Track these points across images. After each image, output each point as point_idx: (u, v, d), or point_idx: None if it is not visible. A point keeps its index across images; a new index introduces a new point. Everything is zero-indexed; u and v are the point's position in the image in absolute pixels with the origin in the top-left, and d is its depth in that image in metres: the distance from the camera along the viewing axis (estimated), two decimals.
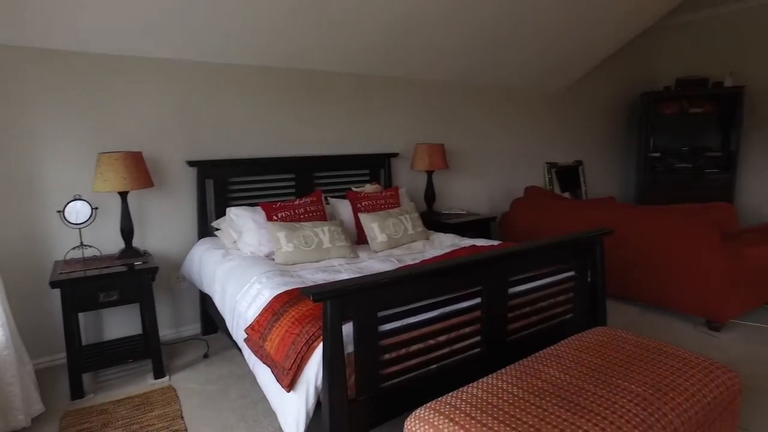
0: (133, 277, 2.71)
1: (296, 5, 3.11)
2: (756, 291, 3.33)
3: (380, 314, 1.78)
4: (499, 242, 3.06)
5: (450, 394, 1.75)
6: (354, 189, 3.70)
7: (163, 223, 3.32)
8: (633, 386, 1.72)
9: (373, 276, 1.77)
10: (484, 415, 1.58)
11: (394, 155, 4.23)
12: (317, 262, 2.84)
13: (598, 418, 1.55)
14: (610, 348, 2.02)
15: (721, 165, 6.06)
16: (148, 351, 2.80)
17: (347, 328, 1.70)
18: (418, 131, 4.50)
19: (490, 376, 1.85)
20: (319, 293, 1.58)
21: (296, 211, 3.11)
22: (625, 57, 6.42)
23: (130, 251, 2.94)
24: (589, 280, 2.52)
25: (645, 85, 6.76)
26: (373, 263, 2.80)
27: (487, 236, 4.15)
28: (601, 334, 2.17)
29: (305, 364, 1.78)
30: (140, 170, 2.86)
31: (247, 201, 3.47)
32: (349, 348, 1.72)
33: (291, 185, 3.70)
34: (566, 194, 6.04)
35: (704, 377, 1.81)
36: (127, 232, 2.94)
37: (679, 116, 6.23)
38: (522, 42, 4.53)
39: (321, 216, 3.18)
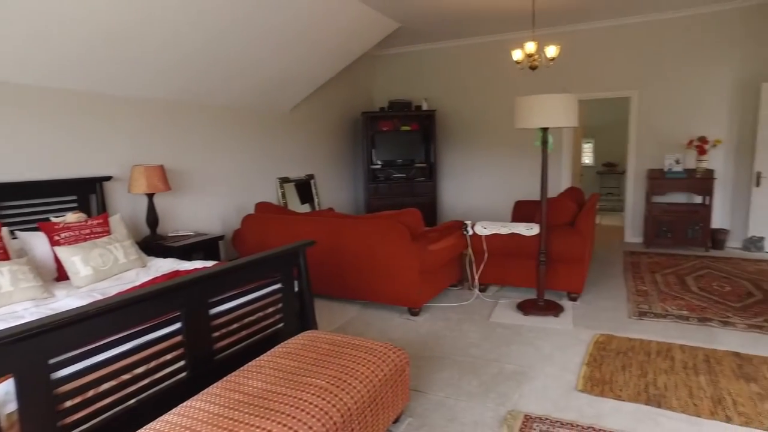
0: None
1: None
2: (441, 278, 4.13)
3: (53, 361, 1.63)
4: (217, 262, 3.09)
5: (146, 426, 1.71)
6: (53, 219, 3.25)
7: None
8: (319, 381, 1.95)
9: (38, 320, 1.60)
10: None
11: (107, 179, 3.87)
12: None
13: (284, 416, 1.72)
14: (308, 350, 2.25)
15: (426, 174, 7.29)
16: None
17: (6, 386, 1.51)
18: (139, 153, 4.21)
19: (191, 399, 1.87)
20: None
21: None
22: (347, 81, 7.18)
23: None
24: (296, 289, 2.75)
25: (365, 106, 7.69)
26: (72, 301, 2.53)
27: (216, 255, 4.14)
28: (304, 338, 2.39)
29: None
30: None
31: None
32: (11, 407, 1.52)
33: None
34: (306, 206, 6.44)
35: (378, 360, 2.18)
36: None
37: (394, 133, 7.26)
38: (243, 66, 4.69)
39: (1, 255, 2.71)
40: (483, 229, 4.20)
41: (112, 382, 1.83)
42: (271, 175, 5.89)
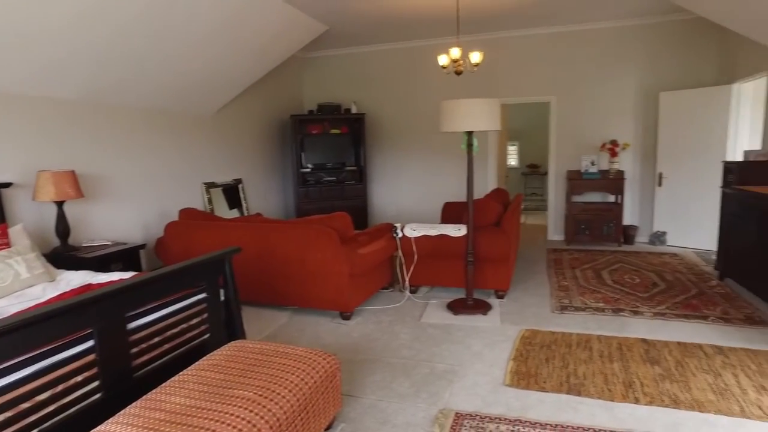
0: None
1: None
2: (372, 281, 4.14)
3: None
4: (136, 273, 2.92)
5: None
6: None
7: None
8: (246, 392, 1.88)
9: None
10: None
11: (5, 185, 3.54)
12: None
13: None
14: (235, 361, 2.17)
15: (357, 177, 7.29)
16: None
17: None
18: (44, 157, 3.89)
19: (106, 422, 1.74)
20: None
21: None
22: (275, 84, 7.04)
23: None
24: (222, 298, 2.65)
25: (294, 109, 7.58)
26: None
27: (137, 266, 3.91)
28: (231, 349, 2.31)
29: None
30: None
31: None
32: None
33: None
34: (234, 211, 6.24)
35: (308, 367, 2.14)
36: None
37: (323, 136, 7.20)
38: (156, 65, 4.46)
39: None
40: (412, 231, 4.26)
41: (8, 413, 1.66)
42: (196, 180, 5.65)
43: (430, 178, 7.38)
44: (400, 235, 4.29)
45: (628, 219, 6.48)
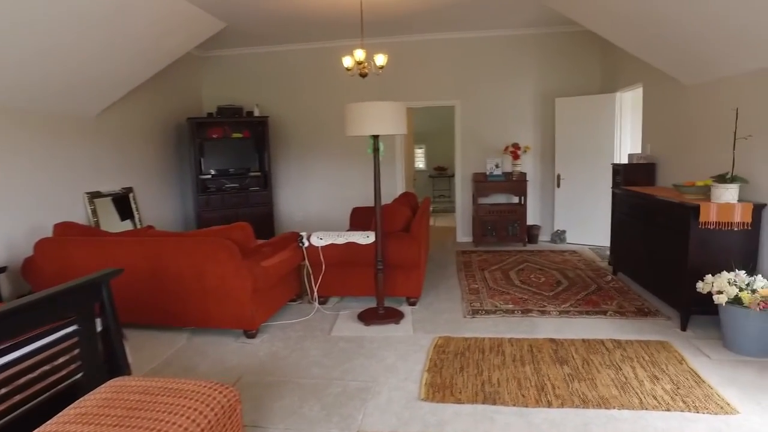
0: None
1: None
2: (278, 294, 3.89)
3: None
4: None
5: None
6: None
7: None
8: None
9: None
10: None
11: None
12: None
13: None
14: (111, 406, 1.84)
15: (261, 183, 6.94)
16: None
17: None
18: None
19: None
20: None
21: None
22: (170, 84, 6.49)
23: None
24: (99, 328, 2.28)
25: (193, 111, 7.06)
26: None
27: None
28: (108, 391, 1.97)
29: None
30: None
31: None
32: None
33: None
34: (127, 223, 5.64)
35: (201, 405, 1.87)
36: None
37: (225, 140, 6.77)
38: (34, 61, 3.88)
39: None
40: (319, 240, 4.07)
41: None
42: (77, 190, 5.02)
43: (338, 183, 7.22)
44: (306, 244, 4.07)
45: (531, 219, 6.75)
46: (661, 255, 3.82)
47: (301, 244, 4.07)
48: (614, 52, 5.91)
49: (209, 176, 6.65)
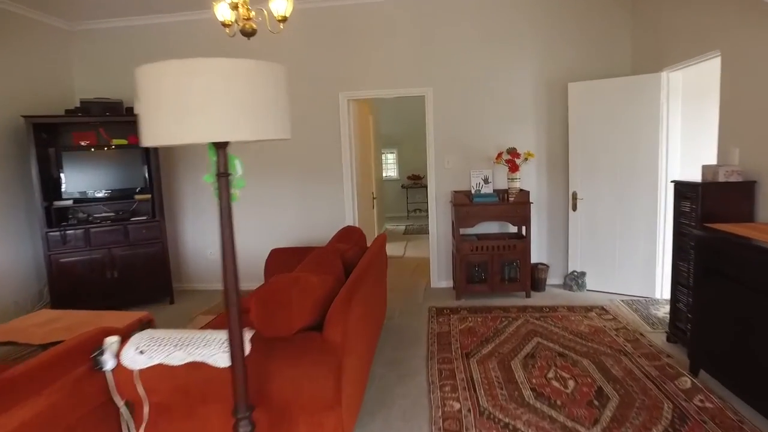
0: None
1: None
2: None
3: None
4: None
5: None
6: None
7: None
8: None
9: None
10: None
11: None
12: None
13: None
14: None
15: (151, 210, 4.83)
16: None
17: None
18: None
19: None
20: None
21: None
22: (23, 69, 4.37)
23: None
24: None
25: (56, 108, 4.91)
26: None
27: None
28: None
29: None
30: None
31: None
32: None
33: None
34: None
35: None
36: None
37: (98, 150, 4.68)
38: None
39: None
40: (138, 357, 1.99)
41: None
42: None
43: (262, 207, 5.12)
44: (111, 365, 1.99)
45: (536, 256, 4.75)
46: None
47: (98, 367, 1.99)
48: (659, 6, 3.96)
49: (69, 202, 4.54)
